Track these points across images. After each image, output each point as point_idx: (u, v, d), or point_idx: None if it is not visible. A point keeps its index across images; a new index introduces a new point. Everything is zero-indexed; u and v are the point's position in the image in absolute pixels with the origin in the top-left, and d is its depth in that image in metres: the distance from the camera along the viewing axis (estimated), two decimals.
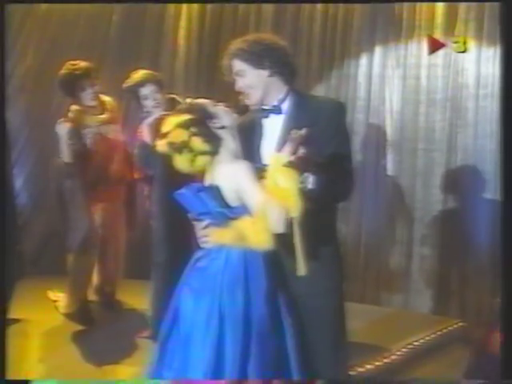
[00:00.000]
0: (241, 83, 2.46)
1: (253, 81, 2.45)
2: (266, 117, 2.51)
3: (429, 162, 4.47)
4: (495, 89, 4.21)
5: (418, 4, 4.48)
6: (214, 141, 2.41)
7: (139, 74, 3.56)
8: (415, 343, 3.75)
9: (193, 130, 2.40)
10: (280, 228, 2.27)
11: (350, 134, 2.61)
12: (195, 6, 5.03)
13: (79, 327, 3.85)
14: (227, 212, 2.40)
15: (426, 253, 4.49)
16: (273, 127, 2.48)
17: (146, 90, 3.52)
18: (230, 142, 2.44)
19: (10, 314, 3.75)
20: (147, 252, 3.69)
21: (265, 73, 2.44)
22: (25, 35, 4.68)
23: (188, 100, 2.56)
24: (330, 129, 2.42)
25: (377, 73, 4.65)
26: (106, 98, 4.01)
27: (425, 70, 4.48)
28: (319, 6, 4.77)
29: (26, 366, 3.39)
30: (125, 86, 3.59)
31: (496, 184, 4.10)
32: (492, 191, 4.16)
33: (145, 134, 3.47)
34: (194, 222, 2.50)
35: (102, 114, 3.95)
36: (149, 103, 3.54)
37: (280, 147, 2.37)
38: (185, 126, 2.40)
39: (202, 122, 2.41)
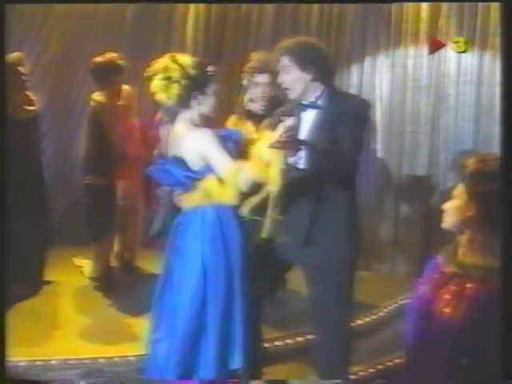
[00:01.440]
0: (283, 78, 2.73)
1: (295, 80, 2.70)
2: (304, 110, 2.76)
3: (414, 143, 4.91)
4: (474, 76, 4.67)
5: (405, 4, 4.88)
6: (181, 102, 2.71)
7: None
8: (400, 302, 4.15)
9: (182, 81, 2.70)
10: (245, 188, 2.60)
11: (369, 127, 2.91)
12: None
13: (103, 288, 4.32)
14: (192, 175, 2.70)
15: (412, 225, 4.94)
16: (307, 119, 2.74)
17: None
18: (191, 115, 2.72)
19: (44, 276, 4.25)
20: None
21: (308, 76, 2.70)
22: (48, 28, 5.10)
23: (210, 67, 2.78)
24: (351, 120, 2.66)
25: (368, 62, 5.07)
26: (124, 87, 4.40)
27: (411, 59, 4.91)
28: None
29: (59, 319, 3.87)
30: (146, 74, 3.98)
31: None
32: None
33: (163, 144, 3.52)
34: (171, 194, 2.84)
35: (119, 101, 4.34)
36: None
37: (312, 136, 2.67)
38: (181, 72, 2.71)
39: (192, 85, 2.70)
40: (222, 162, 2.64)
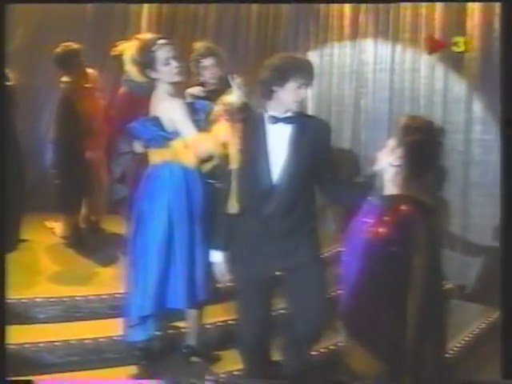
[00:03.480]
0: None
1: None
2: (275, 123, 2.91)
3: (340, 121, 5.69)
4: (387, 65, 5.46)
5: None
6: (146, 80, 3.20)
7: (124, 45, 4.53)
8: (329, 252, 4.63)
9: (136, 65, 3.18)
10: (202, 156, 3.12)
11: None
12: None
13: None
14: (165, 134, 3.12)
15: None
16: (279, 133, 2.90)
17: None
18: (162, 86, 3.16)
19: (20, 236, 4.84)
20: None
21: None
22: (14, 19, 5.60)
23: (160, 42, 3.18)
24: (323, 143, 2.97)
25: (300, 52, 5.68)
26: (89, 70, 5.04)
27: (336, 49, 5.72)
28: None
29: (38, 268, 4.49)
30: (112, 53, 4.57)
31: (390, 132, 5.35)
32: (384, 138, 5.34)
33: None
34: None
35: (86, 83, 4.98)
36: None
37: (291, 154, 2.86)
38: (132, 58, 3.21)
39: (143, 67, 3.17)
40: (187, 131, 3.13)
